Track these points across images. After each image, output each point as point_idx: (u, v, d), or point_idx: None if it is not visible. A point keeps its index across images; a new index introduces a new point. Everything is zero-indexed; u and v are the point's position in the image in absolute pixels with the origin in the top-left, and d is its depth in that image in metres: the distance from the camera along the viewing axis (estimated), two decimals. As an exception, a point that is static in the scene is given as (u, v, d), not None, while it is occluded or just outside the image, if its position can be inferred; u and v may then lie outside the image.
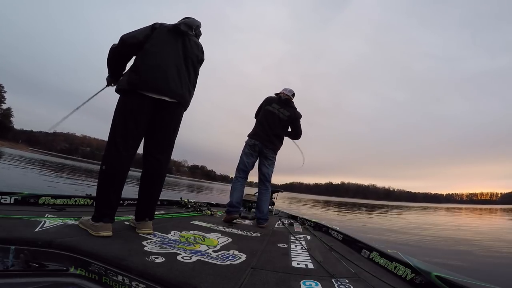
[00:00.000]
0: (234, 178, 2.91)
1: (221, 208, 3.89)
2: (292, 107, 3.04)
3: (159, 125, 1.70)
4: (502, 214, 19.16)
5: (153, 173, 1.73)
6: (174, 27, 1.75)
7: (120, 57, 1.70)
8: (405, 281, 1.25)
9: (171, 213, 2.69)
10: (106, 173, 1.51)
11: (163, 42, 1.70)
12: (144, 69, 1.61)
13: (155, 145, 1.73)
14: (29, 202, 2.02)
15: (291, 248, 1.76)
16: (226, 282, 1.00)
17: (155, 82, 1.62)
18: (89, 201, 2.39)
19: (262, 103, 3.08)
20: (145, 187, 1.73)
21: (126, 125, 1.56)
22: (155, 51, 1.66)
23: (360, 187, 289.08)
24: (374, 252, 1.63)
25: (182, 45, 1.77)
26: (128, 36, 1.65)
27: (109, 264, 1.05)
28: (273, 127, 2.92)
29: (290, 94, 3.07)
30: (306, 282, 1.09)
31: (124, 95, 1.62)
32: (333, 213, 11.63)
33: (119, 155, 1.53)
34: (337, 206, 18.81)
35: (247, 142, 2.95)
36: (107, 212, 1.48)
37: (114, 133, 1.56)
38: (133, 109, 1.58)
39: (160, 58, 1.66)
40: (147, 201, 1.73)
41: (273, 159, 2.98)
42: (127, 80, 1.59)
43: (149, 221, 1.68)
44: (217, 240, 1.73)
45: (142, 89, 1.59)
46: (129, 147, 1.56)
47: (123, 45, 1.64)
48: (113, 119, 1.59)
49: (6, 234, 1.16)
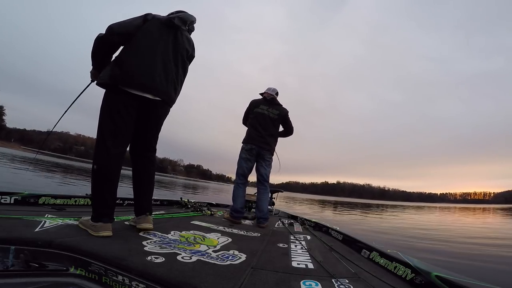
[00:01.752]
0: (235, 184, 2.93)
1: (221, 208, 3.89)
2: (278, 104, 3.12)
3: (144, 123, 1.67)
4: (487, 214, 19.20)
5: (145, 172, 1.74)
6: (167, 20, 1.67)
7: (106, 47, 1.58)
8: (405, 281, 1.25)
9: (171, 213, 2.69)
10: (98, 173, 1.49)
11: (153, 35, 1.61)
12: (128, 63, 1.53)
13: (142, 143, 1.71)
14: (29, 202, 2.02)
15: (291, 248, 1.76)
16: (226, 282, 1.00)
17: (139, 78, 1.55)
18: (89, 201, 2.39)
19: (249, 107, 3.10)
20: (139, 185, 1.73)
21: (113, 122, 1.52)
22: (143, 44, 1.58)
23: (356, 187, 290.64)
24: (374, 252, 1.63)
25: (173, 40, 1.69)
26: (118, 25, 1.54)
27: (109, 264, 1.05)
28: (267, 128, 2.98)
29: (274, 93, 3.13)
30: (306, 282, 1.09)
31: (108, 90, 1.55)
32: (328, 213, 11.64)
33: (109, 153, 1.49)
34: (333, 205, 18.78)
35: (243, 147, 2.97)
36: (104, 211, 1.47)
37: (102, 131, 1.51)
38: (119, 105, 1.52)
39: (147, 52, 1.58)
40: (142, 196, 1.73)
41: (270, 160, 3.03)
42: (110, 74, 1.52)
43: (149, 215, 1.68)
44: (217, 240, 1.73)
45: (124, 85, 1.52)
46: (118, 145, 1.52)
47: (111, 34, 1.52)
48: (100, 116, 1.54)
49: (6, 234, 1.16)
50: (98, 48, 1.58)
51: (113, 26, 1.53)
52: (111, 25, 1.53)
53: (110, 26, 1.52)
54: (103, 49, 1.59)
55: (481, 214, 18.98)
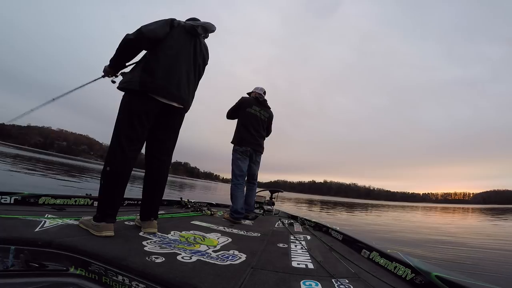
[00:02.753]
0: (233, 185, 2.93)
1: (221, 208, 3.88)
2: (268, 107, 3.20)
3: (164, 128, 1.70)
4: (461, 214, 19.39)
5: (158, 174, 1.75)
6: (191, 28, 1.71)
7: (134, 49, 1.60)
8: (405, 281, 1.25)
9: (171, 213, 2.69)
10: (110, 174, 1.49)
11: (179, 44, 1.66)
12: (159, 72, 1.57)
13: (159, 147, 1.72)
14: (29, 202, 2.02)
15: (291, 248, 1.76)
16: (226, 282, 1.00)
17: (169, 88, 1.59)
18: (89, 201, 2.39)
19: (239, 104, 3.08)
20: (150, 188, 1.74)
21: (132, 126, 1.53)
22: (171, 54, 1.62)
23: (342, 186, 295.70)
24: (374, 252, 1.63)
25: (194, 48, 1.75)
26: (148, 29, 1.55)
27: (109, 264, 1.05)
28: (259, 130, 3.05)
29: (262, 92, 3.18)
30: (306, 282, 1.09)
31: (131, 95, 1.56)
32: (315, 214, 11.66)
33: (124, 157, 1.51)
34: (320, 205, 18.77)
35: (237, 149, 2.97)
36: (110, 212, 1.48)
37: (119, 133, 1.52)
38: (141, 111, 1.54)
39: (175, 62, 1.63)
40: (151, 201, 1.74)
41: (260, 160, 3.18)
42: (140, 81, 1.53)
43: (154, 220, 1.70)
44: (217, 240, 1.73)
45: (154, 93, 1.56)
46: (133, 149, 1.54)
47: (141, 38, 1.53)
48: (118, 118, 1.55)
49: (6, 234, 1.16)
50: (125, 49, 1.58)
51: (143, 30, 1.53)
52: (141, 29, 1.53)
53: (140, 30, 1.53)
54: (130, 52, 1.60)
55: (455, 214, 19.19)
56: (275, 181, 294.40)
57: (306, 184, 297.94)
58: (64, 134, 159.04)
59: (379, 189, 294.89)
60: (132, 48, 1.58)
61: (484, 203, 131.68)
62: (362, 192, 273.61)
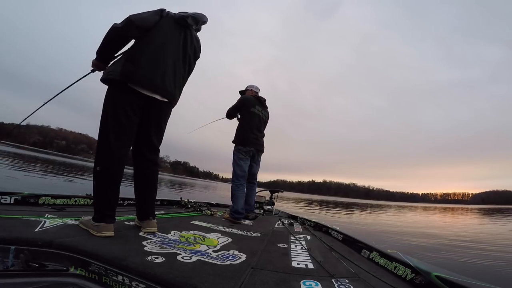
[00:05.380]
0: (234, 185, 2.92)
1: (221, 208, 3.88)
2: (267, 107, 3.22)
3: (149, 124, 1.64)
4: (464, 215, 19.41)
5: (149, 174, 1.71)
6: (180, 18, 1.63)
7: (122, 39, 1.50)
8: (405, 281, 1.25)
9: (171, 213, 2.68)
10: (101, 175, 1.45)
11: (167, 34, 1.58)
12: (142, 62, 1.49)
13: (146, 144, 1.67)
14: (29, 202, 2.02)
15: (291, 248, 1.76)
16: (226, 282, 1.00)
17: (152, 78, 1.51)
18: (89, 201, 2.39)
19: (242, 104, 3.05)
20: (142, 188, 1.71)
21: (118, 122, 1.46)
22: (157, 43, 1.53)
23: (341, 186, 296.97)
24: (374, 252, 1.63)
25: (183, 39, 1.67)
26: (138, 17, 1.47)
27: (109, 264, 1.05)
28: (261, 130, 3.09)
29: (258, 91, 3.19)
30: (306, 282, 1.09)
31: (114, 87, 1.49)
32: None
33: (113, 154, 1.45)
34: (318, 205, 18.75)
35: (240, 149, 2.95)
36: (107, 213, 1.46)
37: (106, 131, 1.46)
38: (125, 103, 1.47)
39: (161, 52, 1.55)
40: (144, 200, 1.72)
41: (260, 159, 3.21)
42: (121, 70, 1.45)
43: (153, 219, 1.68)
44: (217, 240, 1.73)
45: (135, 84, 1.47)
46: (122, 146, 1.48)
47: (130, 26, 1.45)
48: (103, 115, 1.48)
49: (6, 234, 1.16)
50: (112, 39, 1.49)
51: (132, 18, 1.45)
52: (130, 17, 1.46)
53: (129, 18, 1.45)
54: (118, 41, 1.50)
55: (455, 214, 19.16)
56: (274, 180, 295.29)
57: (306, 184, 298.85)
58: (63, 133, 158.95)
59: (378, 189, 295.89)
60: (119, 37, 1.48)
61: (483, 203, 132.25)
62: (361, 192, 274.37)
